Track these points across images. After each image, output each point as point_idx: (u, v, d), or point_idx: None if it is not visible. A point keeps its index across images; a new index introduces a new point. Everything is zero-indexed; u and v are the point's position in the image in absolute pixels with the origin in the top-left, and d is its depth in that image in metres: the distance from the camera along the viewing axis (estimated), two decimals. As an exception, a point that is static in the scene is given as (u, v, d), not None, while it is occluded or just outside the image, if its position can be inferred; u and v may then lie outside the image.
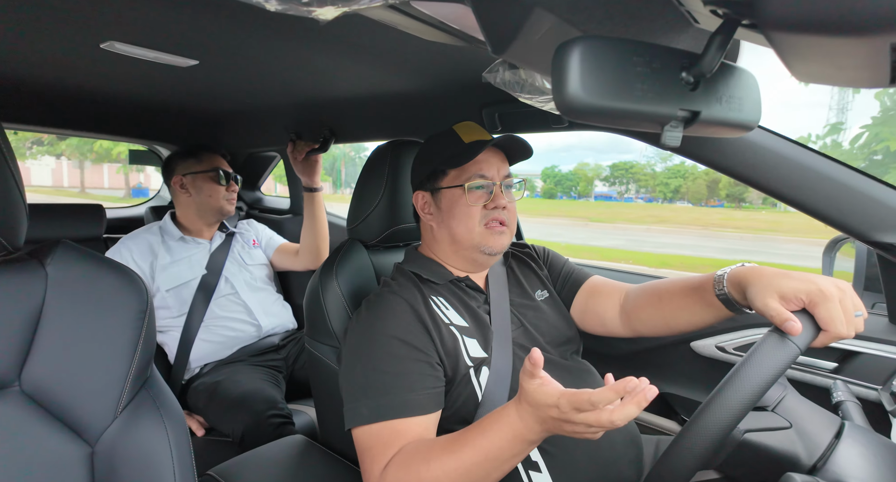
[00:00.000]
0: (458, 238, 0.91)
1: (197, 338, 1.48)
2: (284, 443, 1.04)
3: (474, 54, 0.91)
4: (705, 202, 30.83)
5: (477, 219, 0.89)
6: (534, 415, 0.62)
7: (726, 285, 0.78)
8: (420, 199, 0.95)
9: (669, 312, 0.89)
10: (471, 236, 0.89)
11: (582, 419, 0.57)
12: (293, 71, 1.16)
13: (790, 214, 25.77)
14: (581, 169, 47.08)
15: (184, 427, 0.64)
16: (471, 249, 0.91)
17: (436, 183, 0.92)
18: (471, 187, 0.89)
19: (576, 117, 0.48)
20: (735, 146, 0.94)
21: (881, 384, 0.97)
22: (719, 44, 0.45)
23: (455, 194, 0.90)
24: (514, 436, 0.64)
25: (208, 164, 1.60)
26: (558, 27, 0.57)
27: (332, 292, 1.00)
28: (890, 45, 0.31)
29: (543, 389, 0.61)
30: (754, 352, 0.60)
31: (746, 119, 0.59)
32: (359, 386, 0.79)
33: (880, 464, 0.62)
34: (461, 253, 0.93)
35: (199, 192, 1.59)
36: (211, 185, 1.59)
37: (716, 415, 0.57)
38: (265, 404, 1.28)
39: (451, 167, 0.90)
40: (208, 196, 1.59)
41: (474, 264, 0.95)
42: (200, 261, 1.56)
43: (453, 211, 0.90)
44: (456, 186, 0.89)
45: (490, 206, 0.89)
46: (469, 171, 0.89)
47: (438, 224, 0.93)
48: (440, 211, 0.92)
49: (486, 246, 0.90)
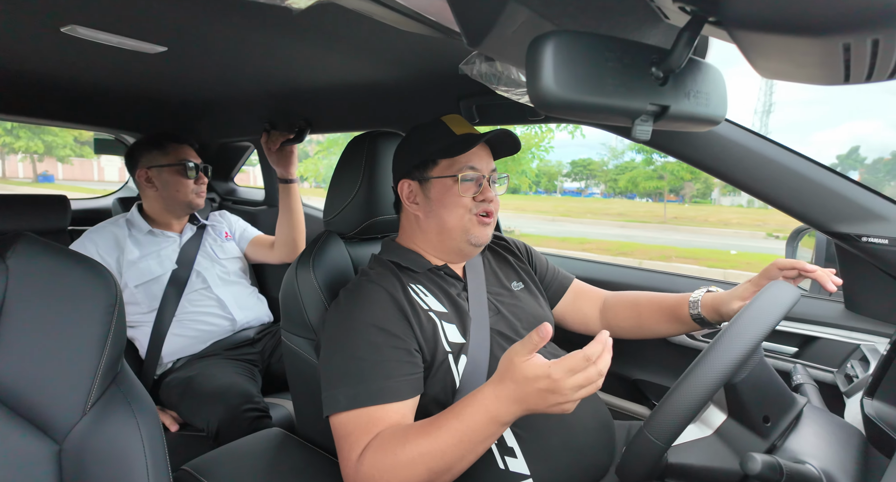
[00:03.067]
0: (447, 227, 0.92)
1: (169, 332, 1.45)
2: (261, 436, 1.03)
3: (451, 46, 0.91)
4: (654, 198, 31.88)
5: (467, 208, 0.91)
6: (515, 392, 0.64)
7: (700, 308, 0.96)
8: (406, 187, 0.95)
9: (645, 323, 1.04)
10: (461, 225, 0.91)
11: (573, 381, 0.61)
12: (267, 60, 1.13)
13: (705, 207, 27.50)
14: (544, 165, 48.63)
15: (156, 422, 0.63)
16: (458, 239, 0.92)
17: (425, 172, 0.92)
18: (463, 178, 0.90)
19: (549, 111, 0.48)
20: (704, 139, 0.97)
21: (836, 367, 1.02)
22: (687, 40, 0.47)
23: (446, 184, 0.90)
24: (488, 417, 0.66)
25: (175, 156, 1.53)
26: (532, 21, 0.57)
27: (309, 285, 0.99)
28: (842, 46, 0.33)
29: (532, 362, 0.63)
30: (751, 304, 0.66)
31: (713, 113, 0.60)
32: (337, 373, 0.79)
33: (834, 443, 0.65)
34: (448, 243, 0.94)
35: (165, 186, 1.52)
36: (178, 178, 1.52)
37: (714, 362, 0.60)
38: (240, 398, 1.26)
39: (445, 157, 0.90)
40: (176, 190, 1.53)
41: (459, 255, 0.96)
42: (170, 256, 1.52)
43: (444, 200, 0.91)
44: (448, 176, 0.90)
45: (479, 198, 0.91)
46: (461, 163, 0.90)
47: (426, 213, 0.93)
48: (429, 200, 0.92)
49: (474, 236, 0.92)
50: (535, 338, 0.63)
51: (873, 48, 0.33)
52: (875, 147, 63.57)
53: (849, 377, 0.95)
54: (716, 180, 1.14)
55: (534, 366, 0.62)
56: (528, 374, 0.62)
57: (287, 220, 1.62)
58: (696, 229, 16.25)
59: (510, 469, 0.80)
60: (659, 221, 18.14)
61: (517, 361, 0.64)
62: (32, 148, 19.90)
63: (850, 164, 36.20)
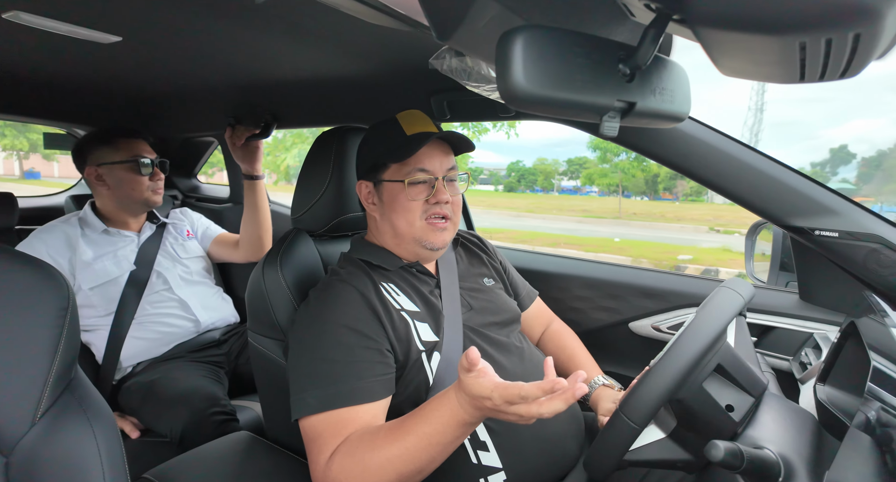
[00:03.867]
0: (399, 232, 0.90)
1: (128, 335, 1.39)
2: (228, 440, 1.00)
3: (422, 40, 0.90)
4: (650, 195, 32.71)
5: (418, 213, 0.88)
6: (470, 402, 0.65)
7: (591, 397, 0.98)
8: (364, 188, 0.93)
9: (560, 367, 1.07)
10: (412, 231, 0.89)
11: (513, 411, 0.61)
12: (230, 52, 1.09)
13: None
14: (540, 164, 47.41)
15: (114, 429, 0.60)
16: (412, 244, 0.91)
17: (378, 174, 0.90)
18: (411, 182, 0.87)
19: (519, 107, 0.48)
20: (669, 136, 0.99)
21: (792, 355, 1.07)
22: (652, 37, 0.47)
23: (396, 188, 0.88)
24: (455, 421, 0.66)
25: (127, 153, 1.44)
26: (502, 15, 0.57)
27: (277, 284, 0.96)
28: (798, 44, 0.34)
29: (479, 381, 0.63)
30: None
31: (678, 110, 0.62)
32: (306, 375, 0.78)
33: (790, 428, 0.68)
34: (404, 246, 0.92)
35: (119, 185, 1.44)
36: (132, 176, 1.44)
37: (679, 354, 0.62)
38: (205, 401, 1.22)
39: (393, 161, 0.88)
40: (131, 188, 1.44)
41: (415, 257, 0.94)
42: (128, 256, 1.45)
43: (394, 205, 0.88)
44: (396, 180, 0.88)
45: (431, 201, 0.88)
46: (410, 165, 0.87)
47: (381, 216, 0.92)
48: (382, 203, 0.91)
49: (427, 241, 0.89)
50: (463, 363, 0.64)
51: (826, 48, 0.34)
52: (880, 142, 66.38)
53: (803, 364, 0.99)
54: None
55: (479, 387, 0.63)
56: (475, 393, 0.63)
57: (252, 217, 1.57)
58: (646, 224, 17.22)
59: (483, 463, 0.80)
60: (614, 217, 18.88)
61: (463, 378, 0.64)
62: (18, 146, 20.59)
63: (843, 158, 37.54)
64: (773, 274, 1.28)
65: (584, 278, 1.38)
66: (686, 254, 10.35)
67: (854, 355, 0.74)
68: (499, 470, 0.80)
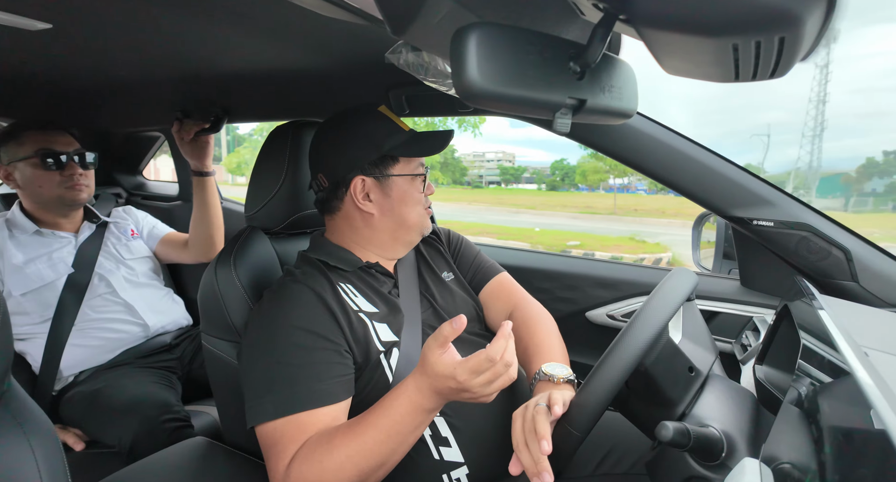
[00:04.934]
0: (408, 224, 0.92)
1: (68, 343, 1.30)
2: (183, 447, 0.96)
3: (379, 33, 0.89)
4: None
5: (423, 205, 0.94)
6: (431, 385, 0.65)
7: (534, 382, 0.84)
8: (360, 185, 0.88)
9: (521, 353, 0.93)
10: (419, 221, 0.93)
11: (481, 380, 0.63)
12: (175, 42, 1.04)
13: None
14: (584, 161, 44.06)
15: (55, 443, 0.57)
16: (415, 234, 0.95)
17: (385, 169, 0.89)
18: (420, 175, 0.92)
19: (474, 103, 0.49)
20: (619, 132, 1.03)
21: (734, 338, 1.14)
22: (601, 36, 0.49)
23: (407, 182, 0.91)
24: (413, 407, 0.67)
25: (32, 147, 1.31)
26: (456, 12, 0.57)
27: (231, 284, 0.93)
28: (731, 46, 0.36)
29: (441, 360, 0.64)
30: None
31: (626, 107, 0.64)
32: (262, 381, 0.75)
33: (731, 406, 0.73)
34: (403, 238, 0.94)
35: (28, 183, 1.31)
36: (38, 172, 1.31)
37: (635, 336, 0.65)
38: (157, 408, 1.17)
39: (407, 155, 0.90)
40: (38, 186, 1.32)
41: (407, 247, 0.97)
42: (65, 259, 1.35)
43: (406, 198, 0.91)
44: (408, 174, 0.91)
45: (427, 193, 0.94)
46: (416, 160, 0.92)
47: (383, 211, 0.90)
48: (389, 198, 0.90)
49: (427, 228, 0.96)
50: (445, 330, 0.63)
51: (756, 49, 0.37)
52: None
53: (744, 346, 1.06)
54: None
55: (442, 365, 0.64)
56: (438, 372, 0.64)
57: (203, 215, 1.50)
58: (633, 219, 18.42)
59: (445, 458, 0.81)
60: (609, 213, 19.74)
61: (429, 356, 0.65)
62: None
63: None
64: (716, 262, 1.35)
65: (543, 271, 1.41)
66: (574, 241, 12.12)
67: (787, 336, 0.80)
68: (461, 464, 0.81)
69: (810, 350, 0.60)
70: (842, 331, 0.58)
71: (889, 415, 0.37)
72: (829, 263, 0.96)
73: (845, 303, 0.87)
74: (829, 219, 0.98)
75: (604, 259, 1.57)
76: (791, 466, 0.47)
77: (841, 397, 0.47)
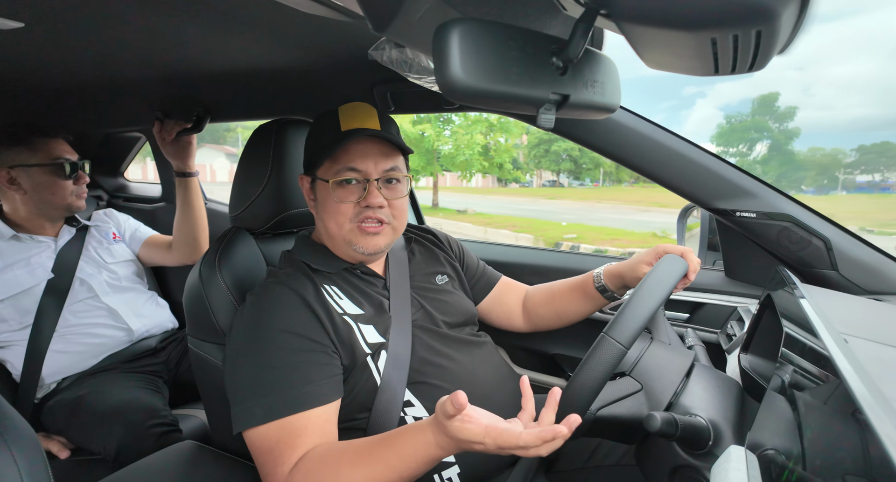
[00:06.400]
0: (330, 233, 0.86)
1: (49, 349, 1.28)
2: (171, 451, 0.95)
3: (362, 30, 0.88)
4: None
5: (348, 216, 0.83)
6: (454, 445, 0.63)
7: (603, 278, 0.99)
8: (304, 183, 0.90)
9: (560, 306, 1.07)
10: (341, 233, 0.84)
11: (506, 451, 0.59)
12: (154, 40, 1.02)
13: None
14: (814, 154, 35.01)
15: (38, 451, 0.56)
16: (345, 247, 0.86)
17: (314, 170, 0.87)
18: (338, 182, 0.82)
19: (459, 99, 0.49)
20: (603, 127, 1.04)
21: (719, 328, 1.16)
22: (583, 31, 0.49)
23: (327, 187, 0.83)
24: (429, 458, 0.65)
25: (46, 154, 1.32)
26: (438, 8, 0.57)
27: (216, 286, 0.92)
28: (710, 40, 0.36)
29: (467, 427, 0.60)
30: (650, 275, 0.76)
31: (609, 102, 0.65)
32: (248, 385, 0.74)
33: (717, 395, 0.74)
34: (338, 248, 0.89)
35: (38, 190, 1.31)
36: (53, 179, 1.32)
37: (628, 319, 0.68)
38: (143, 414, 1.15)
39: (322, 157, 0.83)
40: (51, 193, 1.32)
41: (353, 259, 0.90)
42: (44, 264, 1.32)
43: (325, 205, 0.84)
44: (327, 180, 0.83)
45: (363, 204, 0.82)
46: (340, 163, 0.82)
47: (317, 214, 0.89)
48: (316, 201, 0.88)
49: (358, 246, 0.84)
50: (448, 410, 0.59)
51: (734, 43, 0.37)
52: None
53: (729, 336, 1.08)
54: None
55: (468, 432, 0.60)
56: (463, 438, 0.60)
57: (186, 217, 1.48)
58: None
59: None
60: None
61: (448, 425, 0.61)
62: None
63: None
64: (701, 253, 1.37)
65: (533, 266, 1.42)
66: (571, 234, 11.91)
67: (771, 324, 0.81)
68: (452, 464, 0.81)
69: (792, 338, 0.61)
70: (822, 318, 0.59)
71: (867, 399, 0.38)
72: (809, 253, 0.98)
73: (826, 291, 0.89)
74: (809, 209, 0.99)
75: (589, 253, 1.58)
76: (776, 452, 0.48)
77: (822, 383, 0.48)
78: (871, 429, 0.35)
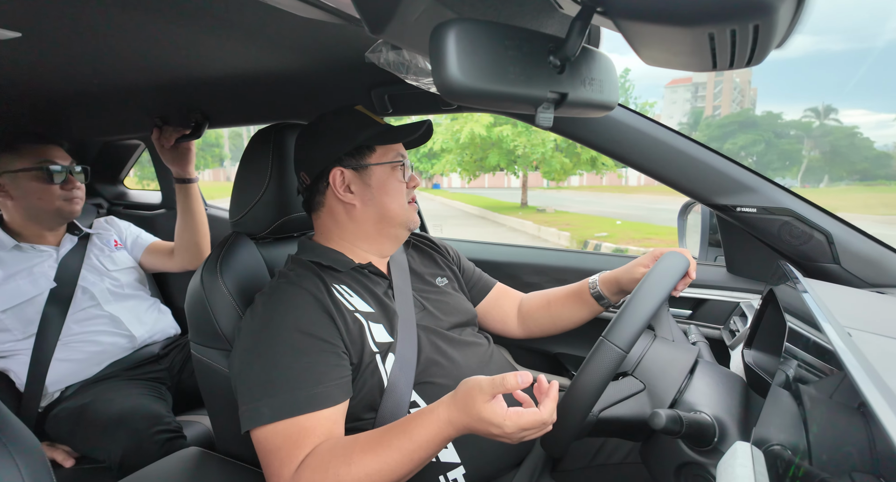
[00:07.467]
0: (390, 214, 0.91)
1: (53, 358, 1.28)
2: (175, 458, 0.95)
3: (358, 33, 0.88)
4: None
5: (405, 195, 0.92)
6: (469, 424, 0.64)
7: (598, 285, 1.03)
8: (339, 176, 0.89)
9: (555, 312, 1.10)
10: (402, 212, 0.92)
11: (524, 434, 0.63)
12: (151, 48, 1.02)
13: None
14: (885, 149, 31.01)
15: (42, 461, 0.56)
16: (399, 226, 0.93)
17: (362, 160, 0.89)
18: (396, 165, 0.91)
19: (456, 99, 0.49)
20: (602, 124, 1.04)
21: (722, 324, 1.16)
22: (579, 29, 0.49)
23: (386, 170, 0.90)
24: (441, 438, 0.66)
25: (33, 159, 1.31)
26: (434, 9, 0.57)
27: (218, 291, 0.92)
28: (707, 35, 0.36)
29: (492, 407, 0.62)
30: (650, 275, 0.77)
31: (608, 99, 0.65)
32: (258, 385, 0.74)
33: (721, 391, 0.74)
34: (387, 230, 0.93)
35: (25, 195, 1.30)
36: (39, 185, 1.31)
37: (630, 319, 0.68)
38: (147, 421, 1.15)
39: (382, 143, 0.89)
40: (38, 198, 1.31)
41: (394, 242, 0.95)
42: (46, 273, 1.32)
43: (387, 187, 0.90)
44: (387, 163, 0.90)
45: (410, 185, 0.93)
46: (394, 150, 0.91)
47: (364, 202, 0.90)
48: (369, 188, 0.89)
49: (412, 221, 0.94)
50: (509, 383, 0.61)
51: (732, 38, 0.37)
52: None
53: (732, 332, 1.08)
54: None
55: (491, 413, 0.62)
56: (484, 417, 0.62)
57: (187, 223, 1.48)
58: None
59: (441, 459, 0.81)
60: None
61: (479, 400, 0.63)
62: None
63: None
64: (702, 250, 1.37)
65: (532, 265, 1.42)
66: (603, 232, 10.74)
67: (774, 319, 0.81)
68: (457, 465, 0.81)
69: (796, 332, 0.61)
70: (825, 312, 0.59)
71: (873, 392, 0.38)
72: (811, 247, 0.98)
73: (828, 285, 0.89)
74: (810, 203, 0.99)
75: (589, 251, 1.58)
76: (781, 447, 0.47)
77: (826, 377, 0.48)
78: (878, 422, 0.35)
